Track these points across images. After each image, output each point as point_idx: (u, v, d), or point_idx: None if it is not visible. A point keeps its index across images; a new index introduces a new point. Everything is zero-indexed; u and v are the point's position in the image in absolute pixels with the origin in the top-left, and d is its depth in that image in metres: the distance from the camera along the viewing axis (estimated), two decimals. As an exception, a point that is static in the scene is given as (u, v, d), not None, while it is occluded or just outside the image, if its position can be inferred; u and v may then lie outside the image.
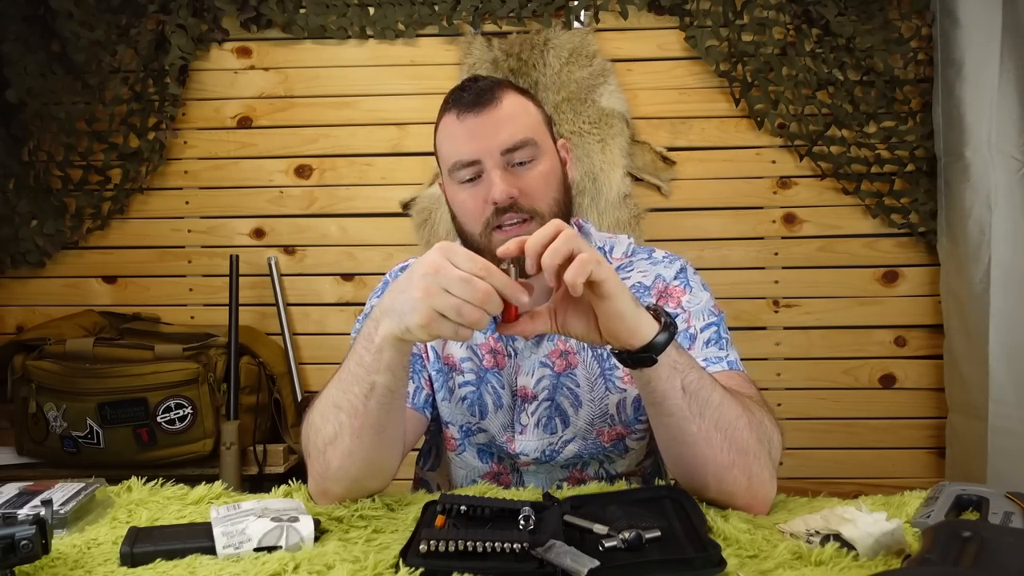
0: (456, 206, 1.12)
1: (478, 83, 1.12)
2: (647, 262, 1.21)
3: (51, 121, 2.14)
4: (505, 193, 1.05)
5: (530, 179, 1.08)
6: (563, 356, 1.15)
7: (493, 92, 1.10)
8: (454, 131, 1.10)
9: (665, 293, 1.17)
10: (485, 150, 1.07)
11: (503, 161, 1.08)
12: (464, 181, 1.10)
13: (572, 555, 0.73)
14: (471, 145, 1.08)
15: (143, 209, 2.23)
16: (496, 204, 1.06)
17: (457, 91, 1.13)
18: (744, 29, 2.06)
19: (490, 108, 1.09)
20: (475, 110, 1.08)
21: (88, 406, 1.93)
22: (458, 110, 1.10)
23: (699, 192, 2.15)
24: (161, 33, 2.12)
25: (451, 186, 1.12)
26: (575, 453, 1.16)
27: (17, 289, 2.26)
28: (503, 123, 1.08)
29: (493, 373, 1.16)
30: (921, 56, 2.04)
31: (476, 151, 1.08)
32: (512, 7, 2.09)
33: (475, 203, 1.09)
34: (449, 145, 1.11)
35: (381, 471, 0.98)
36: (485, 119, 1.08)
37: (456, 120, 1.09)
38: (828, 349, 2.16)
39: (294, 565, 0.77)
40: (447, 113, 1.12)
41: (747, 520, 0.89)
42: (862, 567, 0.75)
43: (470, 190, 1.09)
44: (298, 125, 2.20)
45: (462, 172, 1.09)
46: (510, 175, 1.07)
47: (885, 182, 2.09)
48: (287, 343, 2.18)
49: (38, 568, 0.78)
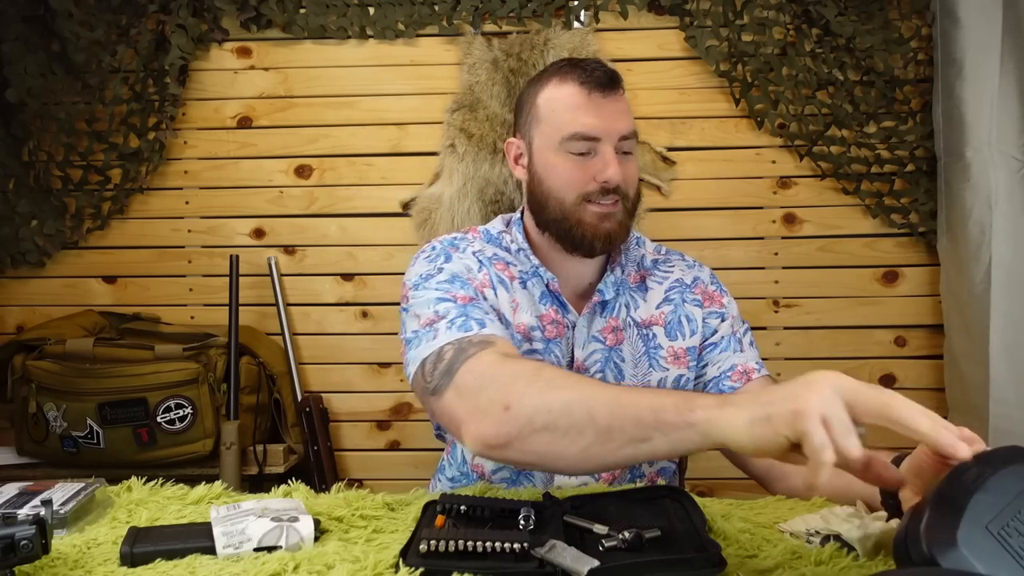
0: (555, 171, 1.17)
1: (603, 66, 1.18)
2: (683, 262, 1.31)
3: (51, 121, 2.14)
4: (619, 176, 1.14)
5: (629, 169, 1.18)
6: (614, 332, 1.21)
7: (616, 81, 1.18)
8: (580, 103, 1.15)
9: (707, 295, 1.27)
10: (608, 131, 1.14)
11: (618, 146, 1.15)
12: (576, 153, 1.15)
13: (572, 555, 0.73)
14: (598, 122, 1.14)
15: (143, 209, 2.23)
16: (606, 184, 1.14)
17: (579, 67, 1.17)
18: (744, 29, 2.06)
19: (617, 94, 1.17)
20: (604, 91, 1.15)
21: (88, 406, 1.93)
22: (588, 86, 1.15)
23: (699, 192, 2.15)
24: (161, 33, 2.12)
25: (555, 153, 1.17)
26: None
27: (17, 289, 2.26)
28: (624, 112, 1.17)
29: (555, 343, 1.20)
30: (921, 56, 2.04)
31: (601, 129, 1.14)
32: (512, 7, 2.09)
33: (581, 175, 1.15)
34: (571, 116, 1.15)
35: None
36: (612, 103, 1.15)
37: (584, 93, 1.15)
38: (828, 349, 2.16)
39: (294, 565, 0.77)
40: (569, 82, 1.16)
41: (747, 520, 0.89)
42: (862, 567, 0.75)
43: (578, 162, 1.15)
44: (298, 125, 2.19)
45: (579, 144, 1.15)
46: (619, 161, 1.15)
47: (885, 182, 2.09)
48: (287, 343, 2.18)
49: (38, 568, 0.78)
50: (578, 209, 1.15)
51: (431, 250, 1.22)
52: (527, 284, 1.21)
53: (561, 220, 1.17)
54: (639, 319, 1.23)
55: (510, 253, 1.24)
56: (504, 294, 1.19)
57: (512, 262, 1.23)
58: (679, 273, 1.28)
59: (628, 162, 1.18)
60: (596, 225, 1.15)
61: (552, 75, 1.19)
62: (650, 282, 1.26)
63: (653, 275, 1.27)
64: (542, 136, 1.18)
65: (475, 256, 1.21)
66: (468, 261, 1.20)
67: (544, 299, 1.21)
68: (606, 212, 1.15)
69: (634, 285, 1.25)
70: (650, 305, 1.24)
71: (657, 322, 1.23)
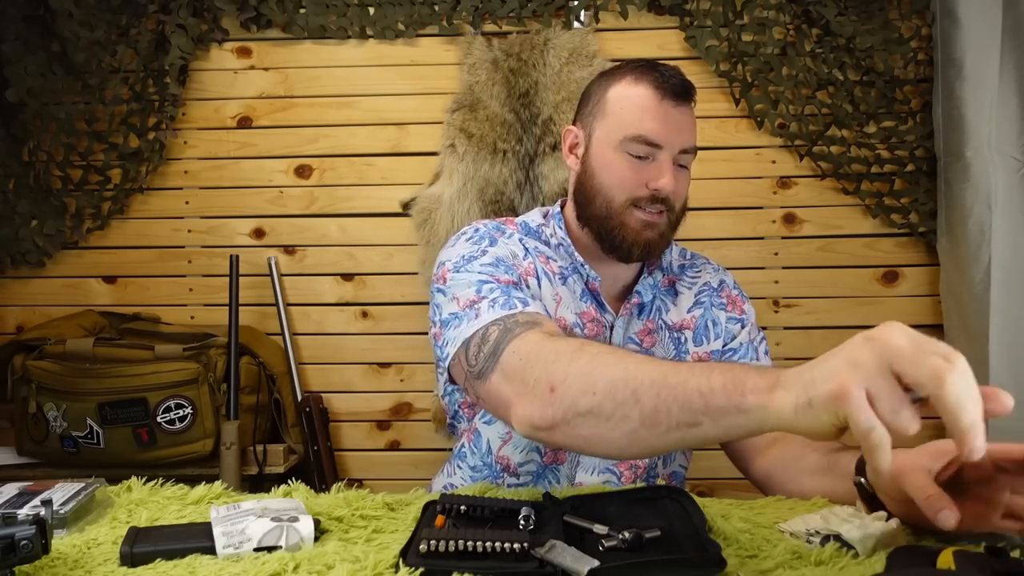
0: (609, 168, 1.17)
1: (678, 75, 1.19)
2: (709, 266, 1.32)
3: (51, 121, 2.14)
4: (672, 186, 1.15)
5: (682, 182, 1.20)
6: (650, 334, 1.22)
7: (690, 93, 1.19)
8: (650, 106, 1.15)
9: (731, 300, 1.28)
10: (671, 141, 1.15)
11: (677, 158, 1.16)
12: (635, 155, 1.15)
13: (572, 555, 0.73)
14: (663, 130, 1.15)
15: (143, 209, 2.23)
16: (657, 192, 1.14)
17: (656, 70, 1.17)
18: (744, 29, 2.06)
19: (687, 106, 1.18)
20: (676, 100, 1.16)
21: (88, 406, 1.93)
22: (661, 91, 1.15)
23: (699, 192, 2.14)
24: (161, 33, 2.12)
25: (614, 151, 1.17)
26: None
27: (17, 289, 2.26)
28: (690, 125, 1.19)
29: None
30: (921, 56, 2.04)
31: (665, 138, 1.15)
32: (512, 7, 2.09)
33: (635, 178, 1.15)
34: (639, 117, 1.15)
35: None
36: (681, 113, 1.17)
37: (656, 98, 1.15)
38: (828, 349, 2.15)
39: (294, 565, 0.77)
40: (643, 83, 1.16)
41: (747, 520, 0.89)
42: (862, 567, 0.75)
43: (635, 164, 1.16)
44: (298, 125, 2.19)
45: (640, 147, 1.15)
46: (674, 172, 1.16)
47: (885, 182, 2.09)
48: (287, 343, 2.18)
49: (38, 568, 0.78)
50: (624, 212, 1.16)
51: (473, 232, 1.20)
52: (567, 280, 1.21)
53: (605, 219, 1.17)
54: (670, 322, 1.24)
55: (550, 247, 1.23)
56: (548, 286, 1.19)
57: (552, 256, 1.22)
58: (707, 276, 1.29)
59: (682, 176, 1.19)
60: (639, 231, 1.16)
61: (628, 72, 1.19)
62: (679, 286, 1.27)
63: (682, 279, 1.28)
64: (604, 130, 1.18)
65: (521, 243, 1.20)
66: (514, 247, 1.18)
67: (584, 297, 1.21)
68: (651, 221, 1.16)
69: (664, 289, 1.26)
70: (681, 309, 1.25)
71: (688, 326, 1.24)
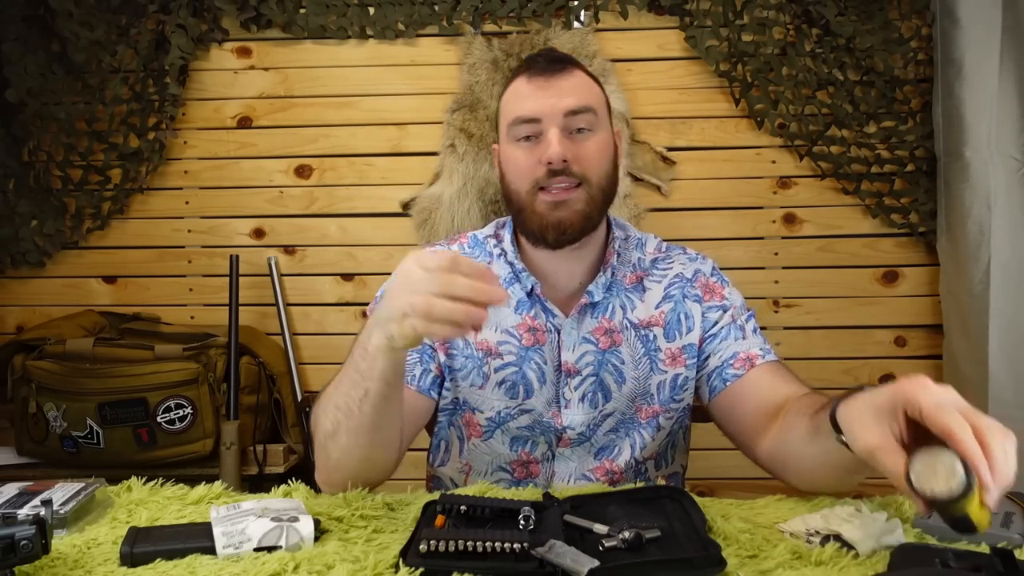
0: (509, 163, 1.15)
1: (553, 53, 1.17)
2: (684, 256, 1.27)
3: (51, 121, 2.14)
4: (560, 155, 1.09)
5: (586, 147, 1.12)
6: (608, 334, 1.19)
7: (566, 61, 1.16)
8: (521, 90, 1.14)
9: (708, 288, 1.24)
10: (549, 109, 1.11)
11: (564, 123, 1.11)
12: (521, 138, 1.13)
13: (572, 555, 0.73)
14: (535, 103, 1.11)
15: (143, 209, 2.23)
16: (550, 164, 1.09)
17: (532, 57, 1.18)
18: (744, 29, 2.06)
19: (561, 74, 1.13)
20: (546, 73, 1.13)
21: (88, 406, 1.93)
22: (530, 72, 1.14)
23: (699, 192, 2.15)
24: (161, 33, 2.12)
25: (507, 144, 1.16)
26: (612, 427, 1.19)
27: (17, 289, 2.26)
28: (570, 89, 1.12)
29: (535, 350, 1.18)
30: (921, 56, 2.04)
31: (539, 109, 1.11)
32: (512, 7, 2.09)
33: (528, 162, 1.11)
34: (514, 103, 1.15)
35: (378, 464, 1.02)
36: (554, 82, 1.12)
37: (526, 81, 1.14)
38: (828, 349, 2.16)
39: (294, 565, 0.77)
40: (517, 77, 1.16)
41: (747, 520, 0.89)
42: (862, 567, 0.75)
43: (526, 148, 1.12)
44: (298, 125, 2.20)
45: (521, 128, 1.12)
46: (568, 140, 1.11)
47: (885, 182, 2.09)
48: (287, 343, 2.18)
49: (38, 568, 0.78)
50: (533, 199, 1.12)
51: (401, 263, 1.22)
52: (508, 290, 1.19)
53: (519, 212, 1.15)
54: (636, 320, 1.20)
55: (492, 258, 1.22)
56: None
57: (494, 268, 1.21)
58: (679, 268, 1.25)
59: (584, 139, 1.12)
60: (547, 214, 1.11)
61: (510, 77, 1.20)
62: (648, 282, 1.23)
63: (651, 275, 1.24)
64: (501, 134, 1.18)
65: None
66: None
67: (521, 307, 1.18)
68: (559, 199, 1.10)
69: (630, 286, 1.22)
70: (648, 305, 1.21)
71: (657, 323, 1.20)
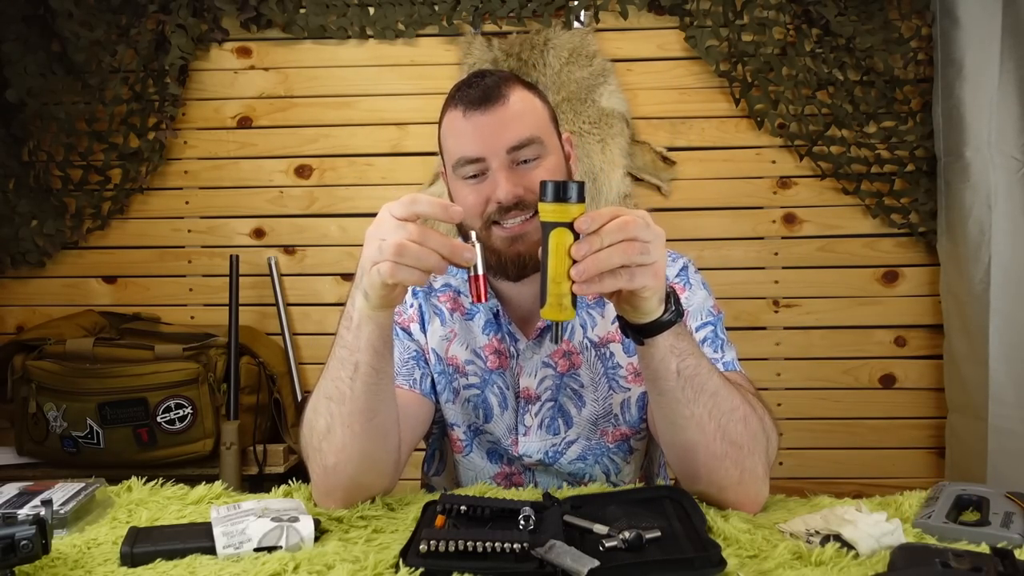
0: (458, 201, 1.11)
1: (484, 80, 1.11)
2: None
3: (51, 121, 2.14)
4: (510, 194, 1.05)
5: (535, 176, 1.08)
6: (566, 356, 1.15)
7: (500, 89, 1.09)
8: (460, 127, 1.09)
9: None
10: (491, 149, 1.07)
11: (508, 160, 1.07)
12: (468, 177, 1.09)
13: (572, 555, 0.73)
14: (477, 143, 1.07)
15: (143, 209, 2.23)
16: (500, 204, 1.06)
17: (463, 87, 1.11)
18: (744, 29, 2.06)
19: (496, 106, 1.08)
20: (481, 108, 1.07)
21: (88, 406, 1.93)
22: (464, 107, 1.08)
23: (699, 192, 2.15)
24: (161, 33, 2.12)
25: (454, 181, 1.12)
26: (578, 455, 1.16)
27: (17, 289, 2.26)
28: (509, 121, 1.07)
29: (498, 374, 1.16)
30: (921, 56, 2.04)
31: (482, 150, 1.07)
32: (512, 7, 2.09)
33: (477, 199, 1.08)
34: (454, 142, 1.10)
35: (378, 466, 0.97)
36: (491, 117, 1.07)
37: (462, 117, 1.08)
38: (828, 349, 2.16)
39: (294, 565, 0.77)
40: (453, 109, 1.10)
41: (747, 520, 0.89)
42: (862, 567, 0.75)
43: (473, 186, 1.09)
44: (298, 125, 2.20)
45: (466, 168, 1.09)
46: (515, 174, 1.07)
47: (885, 182, 2.09)
48: (287, 343, 2.18)
49: (38, 568, 0.78)
50: (488, 234, 1.09)
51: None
52: (476, 315, 1.18)
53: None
54: (597, 338, 1.17)
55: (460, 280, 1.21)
56: (438, 327, 1.18)
57: (463, 291, 1.20)
58: None
59: (532, 169, 1.08)
60: (504, 250, 1.09)
61: (447, 101, 1.14)
62: None
63: None
64: (446, 166, 1.15)
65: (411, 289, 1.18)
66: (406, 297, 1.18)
67: (488, 328, 1.17)
68: (515, 233, 1.08)
69: (592, 302, 1.18)
70: (607, 320, 1.17)
71: (613, 339, 1.16)
